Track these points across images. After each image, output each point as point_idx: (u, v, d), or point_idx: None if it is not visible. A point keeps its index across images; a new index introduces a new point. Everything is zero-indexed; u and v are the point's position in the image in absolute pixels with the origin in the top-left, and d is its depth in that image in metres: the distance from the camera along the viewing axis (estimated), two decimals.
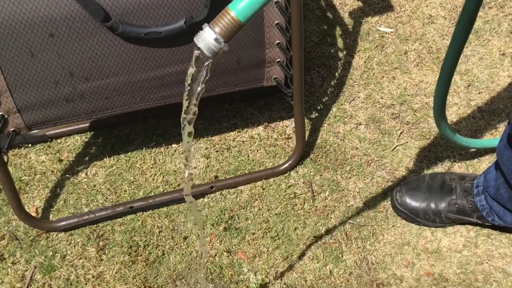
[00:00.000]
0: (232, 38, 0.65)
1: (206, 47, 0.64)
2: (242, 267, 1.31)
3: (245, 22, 0.64)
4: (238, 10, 0.63)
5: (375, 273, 1.30)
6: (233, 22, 0.63)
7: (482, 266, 1.30)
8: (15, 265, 1.32)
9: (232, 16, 0.63)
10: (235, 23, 0.64)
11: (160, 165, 1.48)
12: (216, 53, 0.65)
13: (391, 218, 1.38)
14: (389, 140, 1.52)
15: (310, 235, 1.35)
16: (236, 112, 1.58)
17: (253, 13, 0.64)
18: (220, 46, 0.64)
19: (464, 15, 0.93)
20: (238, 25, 0.64)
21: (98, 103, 1.22)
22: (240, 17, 0.63)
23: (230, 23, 0.63)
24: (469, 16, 0.93)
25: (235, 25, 0.64)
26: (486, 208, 1.25)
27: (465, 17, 0.93)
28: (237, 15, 0.63)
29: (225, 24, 0.64)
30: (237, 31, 0.64)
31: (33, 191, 1.44)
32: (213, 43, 0.64)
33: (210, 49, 0.64)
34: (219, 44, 0.64)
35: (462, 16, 0.93)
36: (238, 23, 0.64)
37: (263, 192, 1.43)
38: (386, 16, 1.80)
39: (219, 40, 0.64)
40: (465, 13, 0.92)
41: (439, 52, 1.70)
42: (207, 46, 0.64)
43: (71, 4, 1.07)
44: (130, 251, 1.33)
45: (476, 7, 0.90)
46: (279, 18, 1.21)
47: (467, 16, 0.93)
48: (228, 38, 0.64)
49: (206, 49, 0.64)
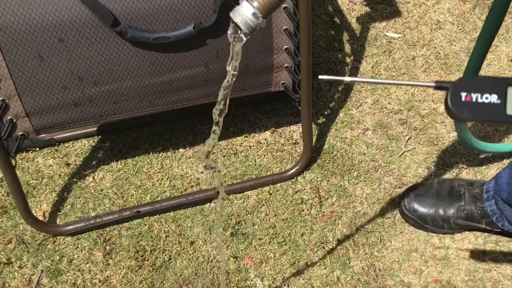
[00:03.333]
0: (270, 14, 0.61)
1: (243, 22, 0.60)
2: (249, 273, 1.30)
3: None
4: None
5: (383, 280, 1.29)
6: None
7: (491, 274, 1.29)
8: (22, 269, 1.32)
9: None
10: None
11: (167, 169, 1.48)
12: (253, 29, 0.61)
13: (398, 224, 1.38)
14: (396, 146, 1.52)
15: (317, 241, 1.35)
16: (243, 117, 1.58)
17: None
18: (258, 22, 0.60)
19: (492, 15, 0.91)
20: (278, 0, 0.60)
21: (106, 108, 1.22)
22: None
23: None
24: (498, 15, 0.91)
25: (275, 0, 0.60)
26: (497, 213, 1.25)
27: (494, 15, 0.92)
28: None
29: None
30: (276, 7, 0.61)
31: (40, 195, 1.44)
32: (250, 18, 0.60)
33: (247, 24, 0.60)
34: (256, 19, 0.60)
35: (491, 15, 0.92)
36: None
37: (270, 197, 1.42)
38: (393, 21, 1.80)
39: (257, 15, 0.60)
40: (494, 12, 0.91)
41: (447, 58, 1.70)
42: (244, 21, 0.60)
43: (80, 9, 1.08)
44: (137, 255, 1.33)
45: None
46: (287, 23, 1.21)
47: (496, 15, 0.91)
48: (266, 13, 0.60)
49: (243, 24, 0.60)
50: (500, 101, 0.40)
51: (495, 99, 0.40)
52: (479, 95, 0.40)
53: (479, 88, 0.40)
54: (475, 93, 0.40)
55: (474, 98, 0.40)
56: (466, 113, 0.41)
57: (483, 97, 0.40)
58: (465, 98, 0.40)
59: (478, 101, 0.40)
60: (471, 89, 0.40)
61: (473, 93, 0.40)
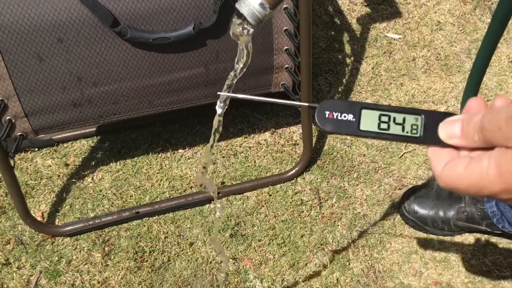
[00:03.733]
0: (277, 5, 0.59)
1: (250, 13, 0.57)
2: (248, 274, 1.30)
3: None
4: None
5: (383, 281, 1.29)
6: None
7: (491, 276, 1.28)
8: (20, 269, 1.31)
9: None
10: None
11: (166, 170, 1.48)
12: (260, 21, 0.58)
13: (398, 226, 1.37)
14: (396, 147, 1.52)
15: (317, 243, 1.34)
16: (242, 118, 1.58)
17: None
18: (265, 12, 0.58)
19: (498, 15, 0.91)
20: None
21: (105, 108, 1.22)
22: None
23: None
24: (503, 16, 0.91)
25: None
26: (497, 215, 1.24)
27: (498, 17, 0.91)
28: None
29: None
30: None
31: (39, 195, 1.44)
32: (257, 9, 0.57)
33: (254, 15, 0.58)
34: (264, 10, 0.57)
35: (496, 16, 0.91)
36: None
37: (270, 198, 1.42)
38: (394, 22, 1.80)
39: (265, 5, 0.57)
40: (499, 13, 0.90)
41: (447, 59, 1.69)
42: (251, 12, 0.57)
43: (80, 9, 1.07)
44: (136, 256, 1.32)
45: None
46: (288, 24, 1.20)
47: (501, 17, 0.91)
48: (274, 4, 0.58)
49: (250, 16, 0.58)
50: (355, 119, 0.53)
51: (351, 117, 0.53)
52: (339, 114, 0.53)
53: (339, 109, 0.53)
54: (336, 112, 0.53)
55: (335, 116, 0.53)
56: (329, 126, 0.53)
57: (342, 116, 0.53)
58: (328, 116, 0.53)
59: (338, 118, 0.53)
60: (333, 109, 0.53)
61: (334, 112, 0.53)
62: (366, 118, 0.53)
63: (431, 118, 0.53)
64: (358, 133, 0.53)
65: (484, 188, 0.44)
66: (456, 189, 0.46)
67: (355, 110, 0.53)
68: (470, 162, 0.45)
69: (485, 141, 0.45)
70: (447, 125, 0.50)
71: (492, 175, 0.43)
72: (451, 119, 0.51)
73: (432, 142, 0.52)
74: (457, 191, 0.47)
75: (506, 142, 0.42)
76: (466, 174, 0.45)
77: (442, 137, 0.51)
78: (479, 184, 0.44)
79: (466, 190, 0.45)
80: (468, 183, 0.45)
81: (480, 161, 0.44)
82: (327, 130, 0.54)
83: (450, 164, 0.47)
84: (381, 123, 0.53)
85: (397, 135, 0.53)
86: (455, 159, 0.48)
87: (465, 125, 0.48)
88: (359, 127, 0.53)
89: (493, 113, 0.44)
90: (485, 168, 0.43)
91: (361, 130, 0.53)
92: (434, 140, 0.51)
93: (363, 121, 0.53)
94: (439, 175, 0.48)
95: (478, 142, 0.46)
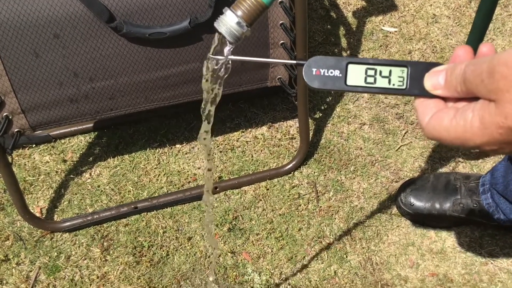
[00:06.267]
0: (255, 22, 0.60)
1: (228, 32, 0.59)
2: (247, 268, 1.31)
3: (269, 4, 0.59)
4: None
5: (380, 273, 1.30)
6: (256, 4, 0.59)
7: (487, 267, 1.29)
8: (19, 265, 1.32)
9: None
10: (258, 5, 0.59)
11: (164, 165, 1.48)
12: (238, 38, 0.60)
13: (395, 218, 1.38)
14: (393, 140, 1.52)
15: (314, 236, 1.35)
16: (239, 112, 1.58)
17: None
18: (242, 31, 0.60)
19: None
20: (261, 7, 0.59)
21: (102, 104, 1.22)
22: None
23: (253, 5, 0.59)
24: None
25: (258, 8, 0.59)
26: (492, 206, 1.25)
27: None
28: None
29: (248, 6, 0.59)
30: (260, 14, 0.60)
31: (37, 191, 1.44)
32: (235, 28, 0.59)
33: (232, 34, 0.60)
34: (241, 28, 0.59)
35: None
36: (262, 5, 0.59)
37: (267, 192, 1.43)
38: (390, 15, 1.80)
39: (242, 24, 0.59)
40: None
41: (443, 52, 1.70)
42: (229, 30, 0.59)
43: (76, 5, 1.07)
44: (135, 251, 1.33)
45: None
46: (283, 18, 1.20)
47: None
48: (251, 22, 0.60)
49: (228, 34, 0.60)
50: (342, 75, 0.54)
51: (337, 73, 0.54)
52: (326, 70, 0.54)
53: (326, 65, 0.54)
54: (323, 69, 0.54)
55: (322, 72, 0.54)
56: (316, 83, 0.54)
57: (328, 72, 0.54)
58: (315, 73, 0.54)
59: (325, 74, 0.54)
60: (320, 66, 0.54)
61: (321, 68, 0.54)
62: (353, 73, 0.54)
63: (417, 69, 0.53)
64: (345, 88, 0.54)
65: (468, 140, 0.44)
66: (442, 140, 0.47)
67: (341, 66, 0.54)
68: (455, 114, 0.45)
69: (468, 92, 0.45)
70: (432, 76, 0.50)
71: (476, 128, 0.43)
72: (436, 69, 0.51)
73: (418, 93, 0.52)
74: (442, 142, 0.47)
75: (489, 95, 0.42)
76: (452, 126, 0.45)
77: (427, 88, 0.51)
78: (463, 136, 0.44)
79: (451, 142, 0.46)
80: (454, 135, 0.45)
81: (464, 113, 0.44)
82: (315, 87, 0.54)
83: (436, 115, 0.47)
84: (367, 77, 0.54)
85: (384, 88, 0.54)
86: (441, 111, 0.48)
87: (448, 75, 0.48)
88: (346, 82, 0.54)
89: (476, 64, 0.44)
90: (469, 121, 0.43)
91: (348, 85, 0.54)
92: (421, 91, 0.52)
93: (349, 76, 0.54)
94: (425, 126, 0.48)
95: (461, 93, 0.46)
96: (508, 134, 0.41)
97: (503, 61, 0.40)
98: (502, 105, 0.41)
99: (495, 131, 0.41)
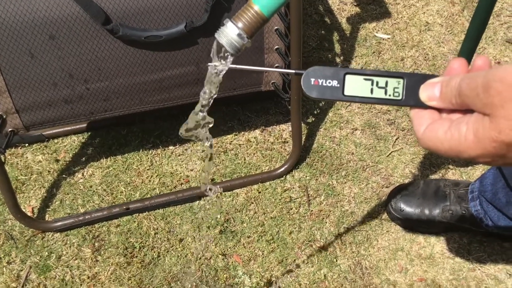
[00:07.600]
0: (255, 34, 0.61)
1: (229, 44, 0.60)
2: (237, 270, 1.32)
3: (269, 17, 0.60)
4: (262, 4, 0.60)
5: (369, 278, 1.31)
6: (257, 17, 0.60)
7: (475, 273, 1.31)
8: (10, 264, 1.32)
9: (255, 10, 0.60)
10: (259, 18, 0.60)
11: (156, 167, 1.49)
12: (239, 50, 0.61)
13: (385, 223, 1.40)
14: (384, 146, 1.54)
15: (305, 239, 1.36)
16: (233, 115, 1.59)
17: (277, 7, 0.60)
18: (243, 42, 0.61)
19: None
20: (262, 19, 0.60)
21: (97, 105, 1.23)
22: (264, 11, 0.60)
23: (254, 17, 0.60)
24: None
25: (259, 20, 0.60)
26: (481, 213, 1.27)
27: None
28: (261, 9, 0.60)
29: (248, 19, 0.60)
30: (260, 26, 0.61)
31: (29, 190, 1.44)
32: (236, 39, 0.60)
33: (232, 45, 0.61)
34: (242, 40, 0.60)
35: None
36: (262, 18, 0.60)
37: (259, 195, 1.44)
38: (383, 22, 1.82)
39: (242, 35, 0.60)
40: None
41: (435, 59, 1.72)
42: (230, 42, 0.60)
43: (72, 6, 1.08)
44: (126, 252, 1.34)
45: None
46: (278, 24, 1.22)
47: None
48: (252, 33, 0.61)
49: (229, 46, 0.61)
50: (339, 85, 0.55)
51: (335, 83, 0.55)
52: (324, 80, 0.55)
53: (324, 75, 0.55)
54: (321, 79, 0.55)
55: (320, 82, 0.55)
56: (314, 93, 0.55)
57: (326, 82, 0.55)
58: (314, 83, 0.55)
59: (323, 84, 0.55)
60: (318, 76, 0.55)
61: (319, 79, 0.55)
62: (350, 84, 0.55)
63: (412, 80, 0.54)
64: (342, 98, 0.55)
65: (463, 152, 0.45)
66: (437, 151, 0.48)
67: (339, 76, 0.55)
68: (450, 126, 0.46)
69: (462, 104, 0.46)
70: (427, 87, 0.51)
71: (470, 141, 0.44)
72: (432, 81, 0.52)
73: (414, 104, 0.53)
74: (437, 153, 0.48)
75: (483, 109, 0.43)
76: (446, 138, 0.46)
77: (423, 99, 0.52)
78: (457, 149, 0.45)
79: (446, 153, 0.47)
80: (448, 147, 0.46)
81: (459, 125, 0.45)
82: (313, 97, 0.55)
83: (431, 127, 0.49)
84: (364, 88, 0.55)
85: (380, 99, 0.55)
86: (436, 122, 0.49)
87: (443, 87, 0.49)
88: (343, 93, 0.55)
89: (472, 78, 0.45)
90: (463, 134, 0.45)
91: (345, 95, 0.55)
92: (416, 102, 0.53)
93: (347, 86, 0.55)
94: (421, 137, 0.50)
95: (456, 105, 0.47)
96: (501, 148, 0.42)
97: (498, 77, 0.41)
98: (496, 120, 0.42)
99: (489, 144, 0.43)
